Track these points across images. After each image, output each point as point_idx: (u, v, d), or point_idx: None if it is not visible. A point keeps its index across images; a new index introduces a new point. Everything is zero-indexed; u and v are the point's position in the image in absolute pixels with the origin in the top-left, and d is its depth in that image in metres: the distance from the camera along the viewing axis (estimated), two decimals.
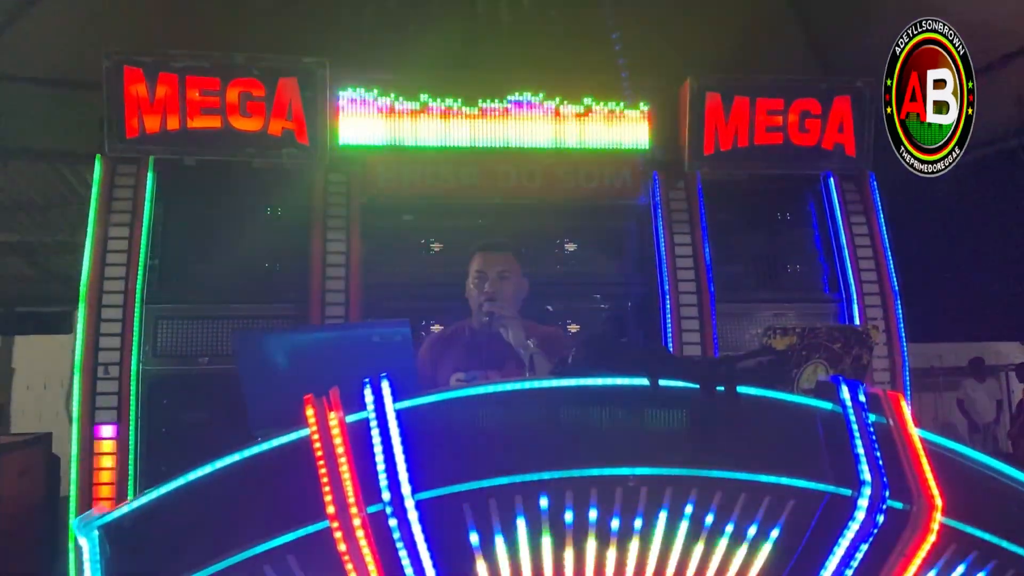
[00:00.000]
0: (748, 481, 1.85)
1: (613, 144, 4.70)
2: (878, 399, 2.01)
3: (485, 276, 3.04)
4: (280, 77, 4.24)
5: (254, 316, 4.23)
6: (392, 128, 4.54)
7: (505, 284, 3.04)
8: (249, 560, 1.72)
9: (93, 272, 4.06)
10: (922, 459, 1.88)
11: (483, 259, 3.09)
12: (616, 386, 1.91)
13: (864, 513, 1.81)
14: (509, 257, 3.10)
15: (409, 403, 1.87)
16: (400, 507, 1.70)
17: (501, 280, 3.03)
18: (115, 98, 4.11)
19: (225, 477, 1.82)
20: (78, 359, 3.96)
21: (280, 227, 4.41)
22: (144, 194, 4.19)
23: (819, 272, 4.78)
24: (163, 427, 4.09)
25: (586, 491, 1.81)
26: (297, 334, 2.78)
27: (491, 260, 3.08)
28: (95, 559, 1.75)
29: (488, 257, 3.09)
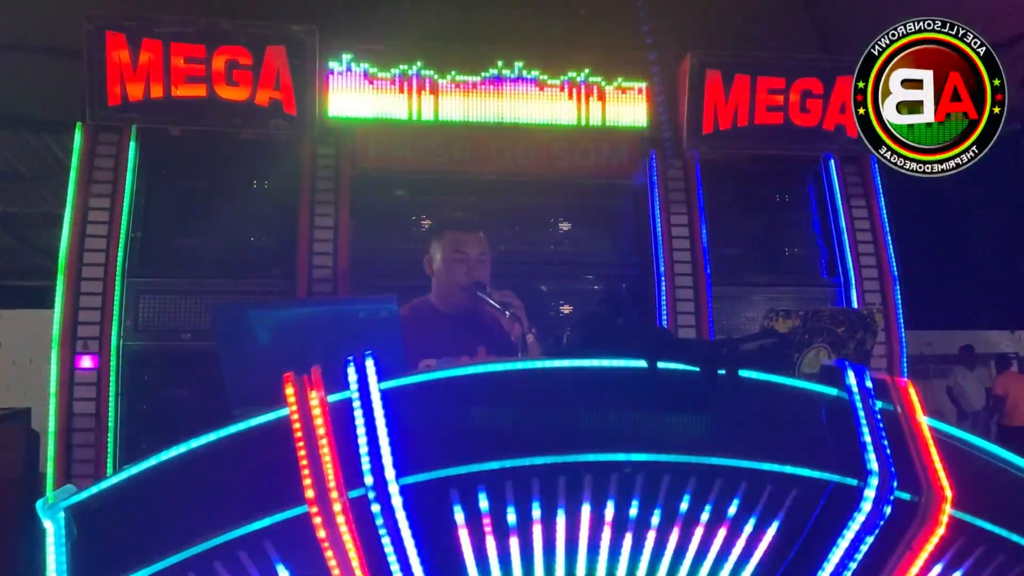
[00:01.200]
0: (749, 469, 1.76)
1: (610, 122, 4.60)
2: (885, 385, 1.92)
3: (466, 258, 2.86)
4: (268, 45, 4.13)
5: (239, 292, 4.13)
6: (383, 101, 4.44)
7: (484, 268, 2.87)
8: (224, 545, 1.62)
9: (72, 244, 3.95)
10: (931, 448, 1.79)
11: (461, 239, 2.90)
12: (612, 368, 1.81)
13: (871, 504, 1.72)
14: (483, 237, 2.93)
15: (395, 383, 1.77)
16: (383, 492, 1.61)
17: (480, 264, 2.87)
18: (96, 64, 3.99)
19: (200, 458, 1.72)
20: (56, 333, 3.85)
21: (267, 200, 4.31)
22: (126, 164, 4.07)
23: (818, 256, 4.71)
24: (144, 404, 4.00)
25: (580, 477, 1.71)
26: (279, 309, 2.67)
27: (471, 242, 2.89)
28: (60, 542, 1.65)
29: (467, 238, 2.90)
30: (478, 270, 2.85)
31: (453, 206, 4.53)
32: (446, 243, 2.91)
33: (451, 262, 2.87)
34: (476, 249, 2.88)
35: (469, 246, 2.88)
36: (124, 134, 4.10)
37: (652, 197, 4.54)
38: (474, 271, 2.84)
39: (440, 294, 2.94)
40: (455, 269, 2.85)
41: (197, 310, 4.08)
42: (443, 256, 2.90)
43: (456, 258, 2.86)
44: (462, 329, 2.85)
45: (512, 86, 4.52)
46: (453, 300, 2.89)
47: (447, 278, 2.88)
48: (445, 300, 2.92)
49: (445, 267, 2.88)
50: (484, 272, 2.88)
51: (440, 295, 2.94)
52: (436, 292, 2.96)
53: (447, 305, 2.91)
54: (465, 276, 2.83)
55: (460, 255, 2.86)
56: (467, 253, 2.86)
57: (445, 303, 2.92)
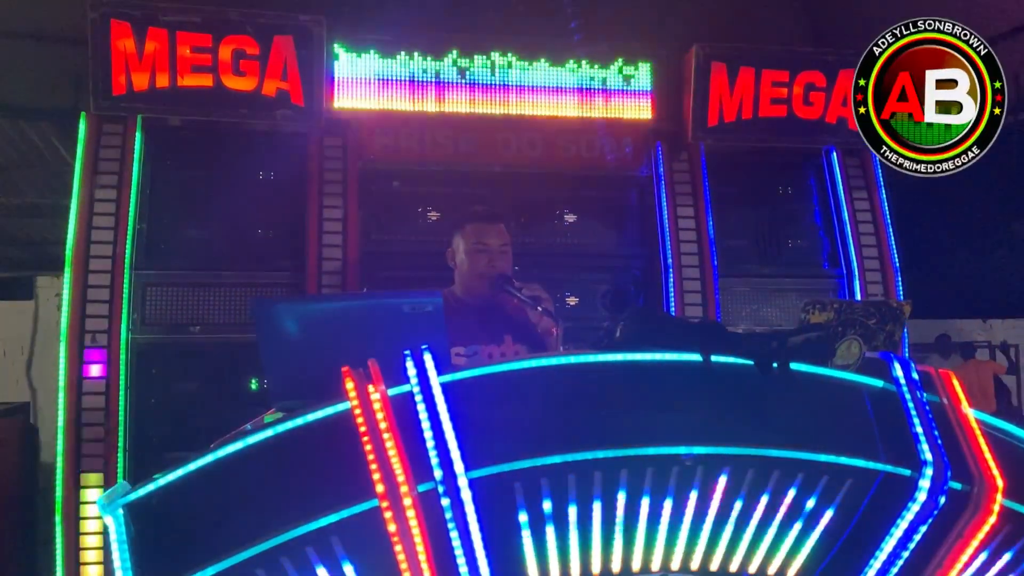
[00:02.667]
0: (806, 460, 1.79)
1: (615, 114, 4.61)
2: (929, 377, 1.96)
3: (488, 249, 2.92)
4: (275, 35, 4.08)
5: (247, 284, 4.09)
6: (389, 92, 4.41)
7: (505, 259, 2.94)
8: (291, 542, 1.62)
9: (79, 236, 3.89)
10: (979, 439, 1.84)
11: (482, 230, 2.96)
12: (668, 361, 1.83)
13: (925, 494, 1.76)
14: (503, 229, 2.99)
15: (452, 376, 1.78)
16: (453, 486, 1.61)
17: (501, 254, 2.94)
18: (101, 53, 3.92)
19: (259, 453, 1.71)
20: (64, 327, 3.80)
21: (274, 191, 4.27)
22: (132, 155, 4.01)
23: (820, 247, 4.76)
24: (152, 398, 3.96)
25: (641, 470, 1.73)
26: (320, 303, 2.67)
27: (492, 232, 2.96)
28: (122, 539, 1.64)
29: (488, 229, 2.97)
30: (499, 261, 2.92)
31: (459, 197, 4.52)
32: (467, 235, 2.97)
33: (473, 253, 2.94)
34: (497, 240, 2.95)
35: (490, 237, 2.95)
36: (129, 125, 4.03)
37: (658, 189, 4.56)
38: (495, 262, 2.91)
39: (464, 285, 3.00)
40: (477, 260, 2.92)
41: (205, 303, 4.04)
42: (465, 248, 2.96)
43: (477, 248, 2.93)
44: (487, 319, 2.92)
45: (518, 78, 4.51)
46: (476, 291, 2.94)
47: (470, 269, 2.94)
48: (469, 291, 2.97)
49: (468, 258, 2.95)
50: (506, 262, 2.95)
51: (464, 286, 3.00)
52: (460, 283, 3.02)
53: (471, 296, 2.97)
54: (487, 266, 2.90)
55: (481, 246, 2.93)
56: (488, 244, 2.93)
57: (469, 294, 2.97)
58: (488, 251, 2.92)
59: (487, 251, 2.92)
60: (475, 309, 2.94)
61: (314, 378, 1.90)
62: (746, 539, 1.82)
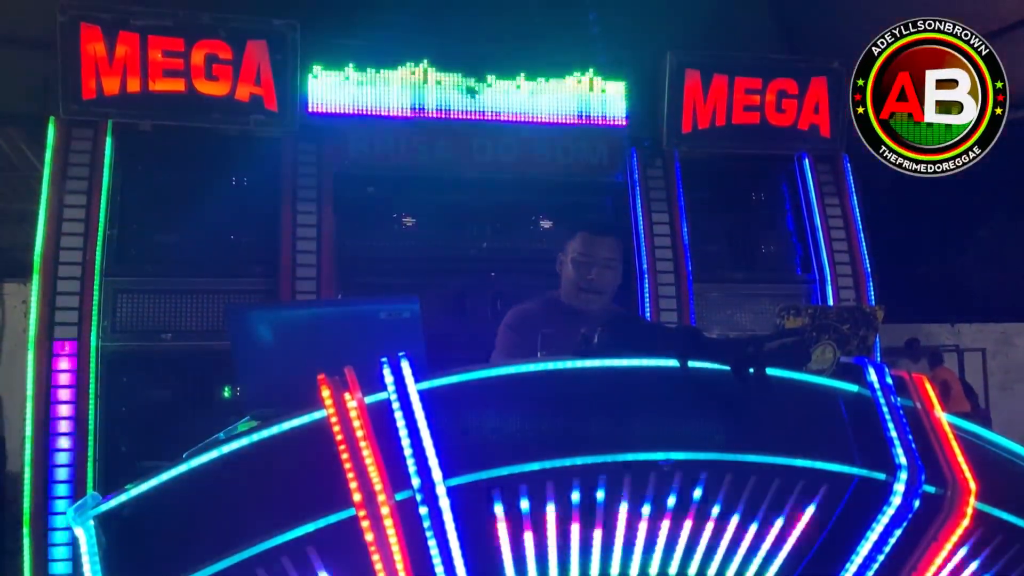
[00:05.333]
0: (782, 465, 1.80)
1: (591, 120, 4.62)
2: (902, 382, 1.98)
3: (591, 261, 2.80)
4: (248, 39, 4.06)
5: (220, 290, 4.05)
6: (364, 97, 4.40)
7: (609, 273, 2.83)
8: (266, 552, 1.60)
9: (47, 242, 3.83)
10: (952, 442, 1.86)
11: (590, 241, 2.82)
12: (645, 367, 1.84)
13: (900, 498, 1.77)
14: (614, 242, 2.85)
15: (429, 384, 1.77)
16: (431, 494, 1.60)
17: (606, 269, 2.82)
18: (70, 57, 3.87)
19: (233, 463, 1.68)
20: (32, 335, 3.73)
21: (248, 197, 4.24)
22: (102, 160, 3.96)
23: (793, 253, 4.81)
24: (123, 406, 3.90)
25: (619, 477, 1.73)
26: (296, 309, 2.63)
27: (599, 244, 2.81)
28: (93, 551, 1.61)
29: (596, 241, 2.82)
30: (603, 275, 2.81)
31: (435, 204, 4.53)
32: (575, 244, 2.84)
33: (576, 263, 2.81)
34: (603, 253, 2.82)
35: (595, 249, 2.81)
36: (100, 129, 3.98)
37: (633, 195, 4.58)
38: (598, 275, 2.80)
39: (565, 292, 2.88)
40: (579, 270, 2.80)
41: (177, 310, 3.99)
42: (571, 257, 2.84)
43: (582, 260, 2.81)
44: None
45: (494, 84, 4.52)
46: (575, 301, 2.83)
47: (570, 278, 2.83)
48: (569, 299, 2.86)
49: (572, 268, 2.83)
50: (610, 277, 2.84)
51: (566, 294, 2.88)
52: (564, 290, 2.89)
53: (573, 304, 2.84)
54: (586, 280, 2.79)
55: (586, 258, 2.80)
56: (591, 256, 2.80)
57: (569, 301, 2.86)
58: (592, 264, 2.80)
59: (591, 263, 2.80)
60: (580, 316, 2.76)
61: (289, 386, 1.87)
62: (724, 544, 1.82)
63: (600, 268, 2.80)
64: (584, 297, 2.80)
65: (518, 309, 2.90)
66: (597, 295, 2.82)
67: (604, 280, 2.81)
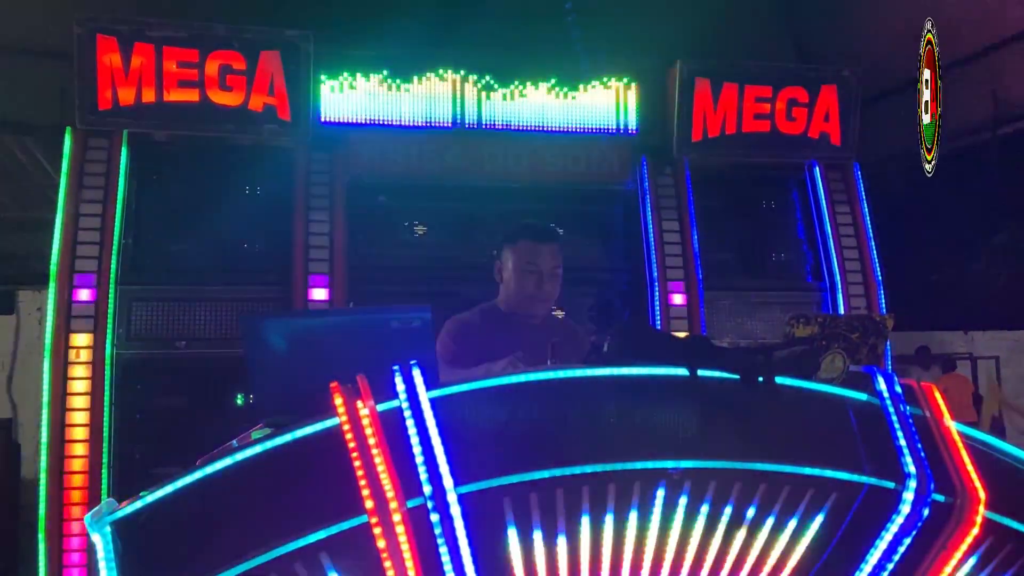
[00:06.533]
0: (791, 473, 1.80)
1: (601, 128, 4.64)
2: (912, 390, 1.98)
3: (538, 271, 2.71)
4: (262, 50, 4.11)
5: (233, 299, 4.09)
6: (375, 106, 4.43)
7: (556, 282, 2.75)
8: (279, 559, 1.61)
9: (63, 251, 3.88)
10: (962, 451, 1.86)
11: (535, 250, 2.73)
12: (655, 376, 1.85)
13: (909, 506, 1.77)
14: (557, 249, 2.76)
15: (440, 392, 1.78)
16: (442, 501, 1.61)
17: (552, 277, 2.73)
18: (87, 68, 3.93)
19: (247, 470, 1.70)
20: (48, 342, 3.77)
21: (261, 206, 4.28)
22: (118, 169, 4.02)
23: (803, 260, 4.81)
24: (137, 413, 3.94)
25: (629, 485, 1.74)
26: (308, 318, 2.66)
27: (545, 253, 2.72)
28: (109, 557, 1.63)
29: (541, 249, 2.73)
30: (549, 284, 2.73)
31: (445, 212, 4.55)
32: (518, 252, 2.75)
33: (522, 273, 2.73)
34: (549, 262, 2.73)
35: (542, 258, 2.73)
36: (115, 139, 4.03)
37: (643, 203, 4.60)
38: (544, 284, 2.72)
39: (507, 300, 2.81)
40: (526, 281, 2.72)
41: (191, 318, 4.03)
42: (514, 266, 2.75)
43: (528, 270, 2.72)
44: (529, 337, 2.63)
45: (505, 93, 4.55)
46: (522, 310, 2.77)
47: (517, 290, 2.75)
48: (514, 308, 2.79)
49: (515, 278, 2.74)
50: (555, 286, 2.76)
51: (507, 301, 2.81)
52: (503, 297, 2.83)
53: (515, 312, 2.79)
54: (535, 289, 2.72)
55: (532, 267, 2.72)
56: (539, 265, 2.72)
57: (514, 311, 2.79)
58: (538, 272, 2.71)
59: (537, 272, 2.71)
60: (518, 326, 2.74)
61: (302, 394, 1.89)
62: (733, 552, 1.82)
63: (546, 277, 2.72)
64: (531, 306, 2.73)
65: (456, 320, 2.81)
66: (545, 303, 2.77)
67: (552, 288, 2.74)
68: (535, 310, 2.76)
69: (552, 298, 2.78)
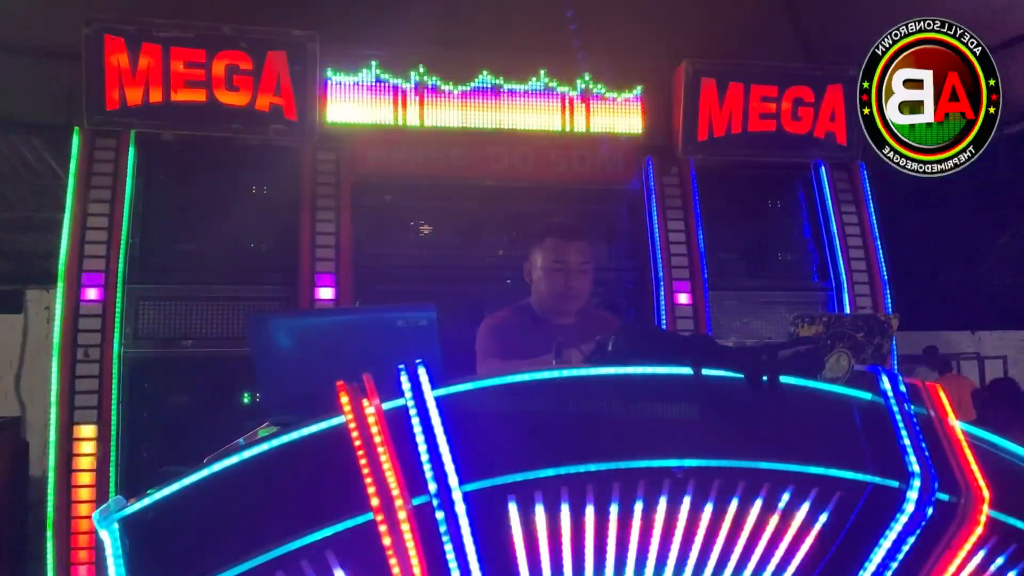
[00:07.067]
0: (795, 472, 1.81)
1: (606, 128, 4.65)
2: (916, 390, 1.99)
3: (567, 267, 2.74)
4: (268, 50, 4.12)
5: (240, 298, 4.11)
6: (381, 107, 4.45)
7: (584, 278, 2.78)
8: (286, 556, 1.63)
9: (71, 250, 3.90)
10: (966, 450, 1.86)
11: (562, 246, 2.76)
12: (659, 375, 1.85)
13: (913, 505, 1.78)
14: (586, 245, 2.80)
15: (446, 390, 1.79)
16: (447, 499, 1.63)
17: (581, 273, 2.77)
18: (95, 68, 3.94)
19: (253, 468, 1.71)
20: (56, 341, 3.80)
21: (267, 206, 4.30)
22: (125, 169, 4.03)
23: (809, 260, 4.81)
24: (144, 411, 3.96)
25: (633, 483, 1.75)
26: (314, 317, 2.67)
27: (572, 249, 2.76)
28: (117, 554, 1.64)
29: (567, 246, 2.77)
30: (577, 280, 2.76)
31: (451, 212, 4.56)
32: (545, 250, 2.79)
33: (550, 271, 2.75)
34: (577, 257, 2.76)
35: (569, 254, 2.76)
36: (123, 139, 4.05)
37: (649, 203, 4.60)
38: (573, 280, 2.75)
39: (538, 300, 2.83)
40: (554, 279, 2.75)
41: (198, 317, 4.05)
42: (542, 264, 2.78)
43: (555, 267, 2.75)
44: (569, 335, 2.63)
45: (509, 92, 4.55)
46: (553, 310, 2.79)
47: (546, 286, 2.77)
48: (543, 307, 2.82)
49: (544, 275, 2.77)
50: (583, 282, 2.78)
51: (538, 301, 2.83)
52: (534, 298, 2.85)
53: (545, 312, 2.81)
54: (563, 286, 2.75)
55: (559, 264, 2.75)
56: (567, 262, 2.75)
57: (546, 311, 2.81)
58: (566, 270, 2.74)
59: (565, 269, 2.74)
60: (549, 325, 2.75)
61: (308, 392, 1.90)
62: (737, 551, 1.83)
63: (574, 273, 2.74)
64: (562, 304, 2.76)
65: (491, 318, 2.85)
66: (575, 300, 2.79)
67: (581, 285, 2.76)
68: (566, 308, 2.78)
69: (583, 295, 2.81)
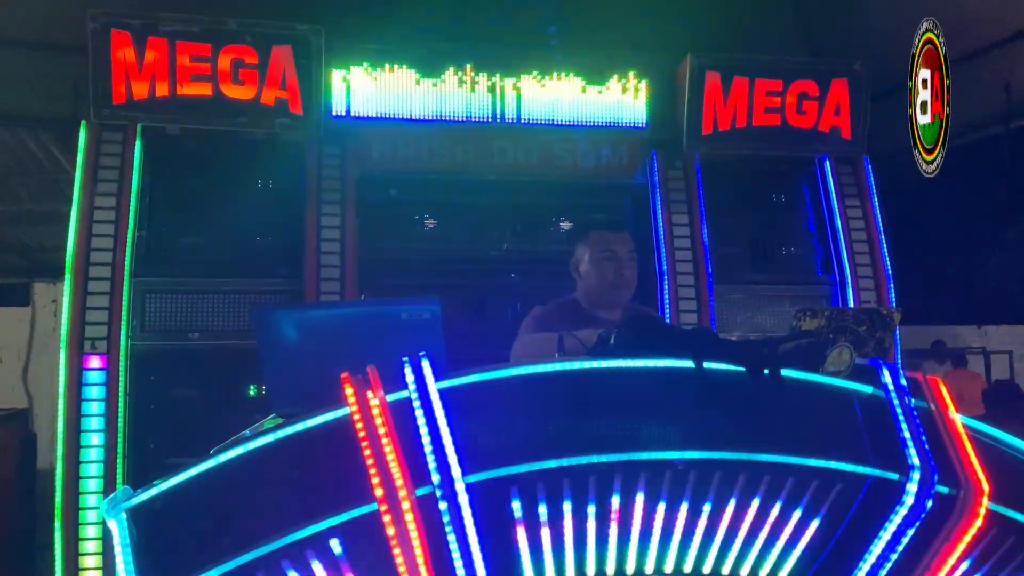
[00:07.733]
0: (796, 465, 1.82)
1: (611, 122, 4.65)
2: (917, 383, 2.00)
3: (616, 256, 2.87)
4: (274, 44, 4.13)
5: (246, 291, 4.14)
6: (387, 101, 4.45)
7: (633, 267, 2.90)
8: (291, 545, 1.65)
9: (79, 244, 3.92)
10: (966, 443, 1.87)
11: (610, 239, 2.90)
12: (661, 368, 1.87)
13: (913, 498, 1.79)
14: (628, 236, 2.93)
15: (449, 383, 1.81)
16: (451, 490, 1.64)
17: (630, 262, 2.89)
18: (101, 62, 3.97)
19: (259, 459, 1.73)
20: (64, 334, 3.83)
21: (273, 200, 4.32)
22: (132, 163, 4.06)
23: (813, 254, 4.81)
24: (151, 404, 3.99)
25: (635, 475, 1.76)
26: (319, 310, 2.69)
27: (618, 240, 2.90)
28: (125, 543, 1.66)
29: (614, 237, 2.91)
30: (627, 269, 2.88)
31: (456, 206, 4.58)
32: (593, 243, 2.91)
33: (601, 261, 2.87)
34: (624, 247, 2.90)
35: (617, 245, 2.90)
36: (129, 133, 4.07)
37: (653, 197, 4.61)
38: (624, 270, 2.87)
39: (588, 293, 2.92)
40: (605, 267, 2.86)
41: (204, 310, 4.08)
42: (591, 256, 2.90)
43: (606, 256, 2.87)
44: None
45: (515, 87, 4.56)
46: (605, 299, 2.89)
47: (597, 277, 2.88)
48: (596, 300, 2.90)
49: (595, 266, 2.88)
50: (633, 271, 2.90)
51: (587, 294, 2.92)
52: (583, 291, 2.94)
53: (593, 305, 2.90)
54: (616, 274, 2.86)
55: (609, 253, 2.87)
56: (616, 251, 2.88)
57: (596, 303, 2.90)
58: (616, 258, 2.87)
59: (615, 258, 2.87)
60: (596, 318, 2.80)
61: (313, 384, 1.92)
62: (737, 542, 1.84)
63: (624, 261, 2.86)
64: (614, 294, 2.85)
65: (537, 309, 2.93)
66: (626, 289, 2.88)
67: (632, 274, 2.88)
68: (617, 298, 2.87)
69: (632, 284, 2.90)
